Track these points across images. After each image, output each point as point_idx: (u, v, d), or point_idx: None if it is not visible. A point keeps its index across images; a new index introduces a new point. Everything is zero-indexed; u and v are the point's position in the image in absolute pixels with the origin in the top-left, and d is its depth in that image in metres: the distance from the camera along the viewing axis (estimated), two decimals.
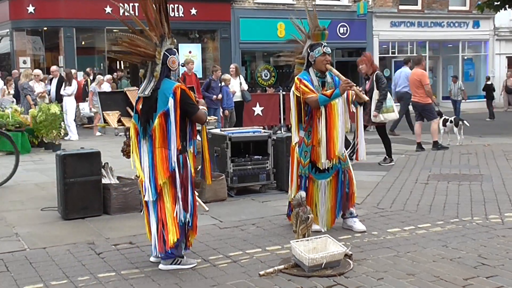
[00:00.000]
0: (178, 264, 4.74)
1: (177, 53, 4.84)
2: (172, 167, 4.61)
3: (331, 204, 5.75)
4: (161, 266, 4.73)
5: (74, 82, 15.83)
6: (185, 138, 4.74)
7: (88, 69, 19.72)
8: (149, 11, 4.81)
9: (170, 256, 4.73)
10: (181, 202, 4.70)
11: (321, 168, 5.67)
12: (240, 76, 15.72)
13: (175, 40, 4.84)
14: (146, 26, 4.86)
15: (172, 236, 4.64)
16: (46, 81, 17.06)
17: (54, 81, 16.21)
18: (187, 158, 4.75)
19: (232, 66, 15.55)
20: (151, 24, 4.83)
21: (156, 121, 4.62)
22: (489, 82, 23.31)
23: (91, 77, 18.77)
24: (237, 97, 14.98)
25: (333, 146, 5.58)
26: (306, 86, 5.65)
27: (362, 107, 5.81)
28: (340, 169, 5.73)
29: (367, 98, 5.74)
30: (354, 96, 5.70)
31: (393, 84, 15.73)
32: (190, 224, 4.81)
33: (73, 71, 17.34)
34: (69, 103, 15.43)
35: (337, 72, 5.79)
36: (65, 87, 15.47)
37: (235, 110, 14.98)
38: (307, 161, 5.67)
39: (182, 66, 14.10)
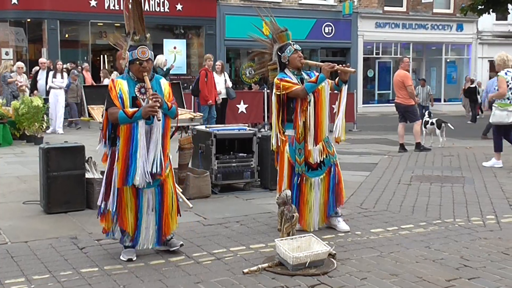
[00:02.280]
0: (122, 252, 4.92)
1: (133, 50, 4.77)
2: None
3: (324, 201, 5.76)
4: None
5: (65, 75, 15.73)
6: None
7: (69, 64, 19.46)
8: (125, 8, 4.96)
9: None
10: (101, 189, 4.89)
11: (313, 163, 5.67)
12: (225, 73, 15.61)
13: (136, 37, 4.81)
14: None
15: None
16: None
17: (43, 73, 15.93)
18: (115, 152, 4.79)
19: (218, 62, 15.41)
20: (126, 23, 4.98)
21: None
22: (472, 85, 23.45)
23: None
24: (222, 94, 14.90)
25: (321, 129, 5.62)
26: (287, 81, 5.67)
27: (346, 86, 5.79)
28: (333, 165, 5.77)
29: (353, 69, 5.76)
30: (337, 79, 5.76)
31: (485, 91, 15.94)
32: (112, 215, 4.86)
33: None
34: (60, 96, 15.32)
35: (315, 62, 5.82)
36: (52, 79, 15.30)
37: (220, 107, 14.89)
38: (302, 158, 5.66)
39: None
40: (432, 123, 12.98)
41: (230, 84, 15.55)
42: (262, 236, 5.56)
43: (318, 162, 5.71)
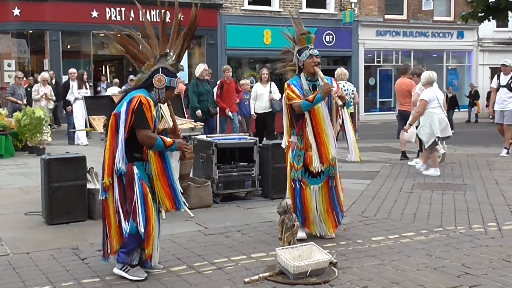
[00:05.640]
0: (125, 272, 4.63)
1: (174, 78, 4.67)
2: (119, 170, 4.50)
3: (326, 208, 5.76)
4: (114, 269, 4.70)
5: (87, 85, 15.68)
6: (137, 149, 4.58)
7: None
8: (174, 29, 4.84)
9: (119, 260, 4.68)
10: (121, 213, 4.56)
11: (314, 172, 5.69)
12: (272, 83, 13.70)
13: (180, 66, 4.75)
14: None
15: (116, 244, 4.66)
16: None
17: (74, 84, 15.40)
18: (135, 169, 4.54)
19: (264, 71, 13.82)
20: (164, 38, 4.80)
21: (110, 120, 4.60)
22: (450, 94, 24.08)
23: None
24: (264, 108, 13.42)
25: (325, 150, 5.63)
26: (292, 91, 5.68)
27: (345, 108, 5.74)
28: (331, 177, 5.78)
29: (341, 102, 5.59)
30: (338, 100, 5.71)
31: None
32: (142, 237, 4.56)
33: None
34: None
35: (322, 75, 5.76)
36: (78, 89, 15.21)
37: (262, 121, 13.55)
38: (300, 165, 5.70)
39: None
40: None
41: (276, 96, 13.47)
42: (263, 245, 5.56)
43: (319, 171, 5.72)
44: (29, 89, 16.06)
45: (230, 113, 13.29)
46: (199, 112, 12.14)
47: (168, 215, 6.02)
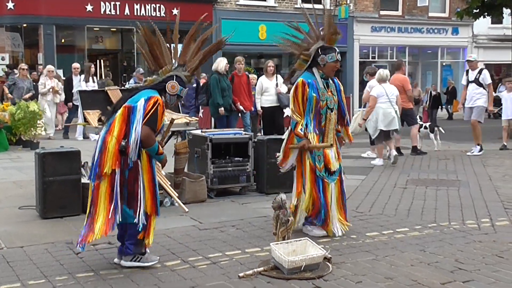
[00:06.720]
0: (138, 261, 4.70)
1: (184, 88, 4.84)
2: (130, 162, 4.55)
3: (339, 203, 5.79)
4: (122, 262, 4.74)
5: (96, 79, 15.54)
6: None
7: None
8: (197, 44, 5.10)
9: (129, 252, 4.71)
10: (118, 206, 4.55)
11: (332, 170, 5.69)
12: (278, 76, 12.77)
13: (192, 79, 4.96)
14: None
15: (98, 232, 4.56)
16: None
17: (81, 78, 15.50)
18: (139, 163, 4.62)
19: (270, 63, 12.80)
20: (186, 49, 4.99)
21: (120, 111, 4.62)
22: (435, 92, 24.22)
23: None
24: (272, 101, 12.44)
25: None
26: (304, 93, 5.58)
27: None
28: (342, 172, 5.87)
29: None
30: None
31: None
32: (140, 229, 4.64)
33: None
34: None
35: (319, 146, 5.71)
36: (85, 82, 15.08)
37: (269, 116, 12.51)
38: (322, 165, 5.65)
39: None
40: (425, 127, 13.03)
41: (283, 89, 12.43)
42: (257, 240, 5.57)
43: (337, 168, 5.74)
44: (34, 83, 15.97)
45: (241, 107, 12.24)
46: (222, 109, 11.51)
47: (163, 210, 6.01)
